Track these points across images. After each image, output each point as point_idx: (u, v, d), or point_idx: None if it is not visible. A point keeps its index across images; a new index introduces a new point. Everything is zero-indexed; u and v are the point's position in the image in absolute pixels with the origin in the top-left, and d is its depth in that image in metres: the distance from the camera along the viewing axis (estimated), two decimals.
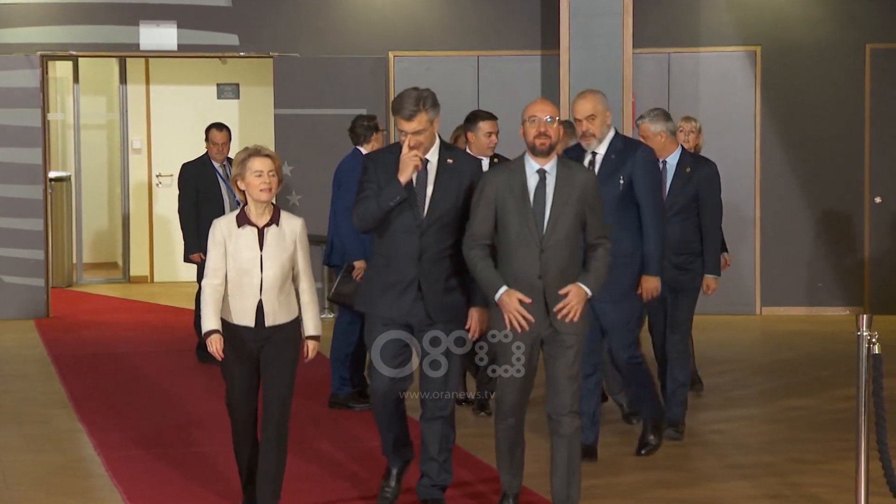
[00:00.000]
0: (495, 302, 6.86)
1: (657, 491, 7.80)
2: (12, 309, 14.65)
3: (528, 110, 6.93)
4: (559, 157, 6.96)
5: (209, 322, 6.89)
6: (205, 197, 11.72)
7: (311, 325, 7.00)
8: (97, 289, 17.46)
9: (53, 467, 8.39)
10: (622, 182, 8.03)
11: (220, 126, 12.02)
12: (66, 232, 17.50)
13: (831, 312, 14.81)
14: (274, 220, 6.93)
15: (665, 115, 9.13)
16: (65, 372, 11.61)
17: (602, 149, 8.11)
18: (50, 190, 15.29)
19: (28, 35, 14.74)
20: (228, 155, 11.88)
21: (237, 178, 6.91)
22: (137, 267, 18.05)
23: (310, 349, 6.98)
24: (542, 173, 6.88)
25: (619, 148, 8.11)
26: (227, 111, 17.62)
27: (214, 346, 6.87)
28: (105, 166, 18.95)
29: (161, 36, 14.83)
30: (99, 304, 16.14)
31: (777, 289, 14.92)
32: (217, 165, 11.86)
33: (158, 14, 14.82)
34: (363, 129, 10.09)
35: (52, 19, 14.77)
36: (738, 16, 14.92)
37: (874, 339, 6.72)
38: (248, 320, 6.90)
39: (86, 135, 18.17)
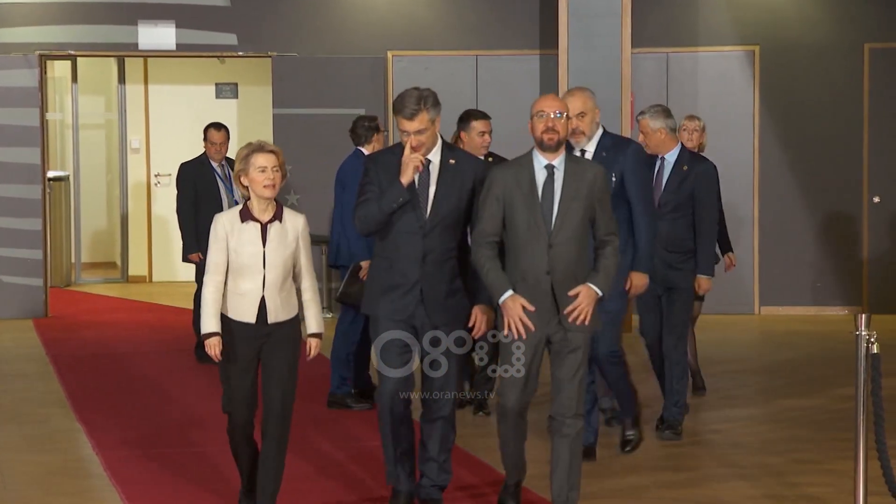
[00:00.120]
0: (499, 305, 6.83)
1: (656, 491, 7.79)
2: (11, 309, 14.64)
3: (537, 105, 6.88)
4: (568, 153, 6.93)
5: (209, 324, 6.84)
6: (203, 197, 11.71)
7: (314, 323, 6.95)
8: (96, 288, 17.46)
9: (52, 467, 8.38)
10: (613, 179, 8.02)
11: (218, 126, 12.01)
12: (64, 232, 17.49)
13: (830, 312, 14.81)
14: (277, 216, 6.87)
15: (665, 112, 9.11)
16: (63, 372, 11.60)
17: (591, 146, 8.11)
18: (48, 190, 15.29)
19: (26, 35, 14.73)
20: (227, 155, 11.88)
21: (240, 174, 6.83)
22: (136, 267, 18.04)
23: (312, 347, 6.93)
24: (550, 169, 6.83)
25: (608, 146, 8.10)
26: (226, 111, 17.62)
27: (213, 349, 6.83)
28: (103, 166, 18.95)
29: (159, 35, 14.82)
30: (97, 304, 16.13)
31: (776, 288, 14.92)
32: (215, 165, 11.85)
33: (157, 14, 14.81)
34: (364, 129, 10.09)
35: (50, 19, 14.76)
36: (736, 15, 14.92)
37: (873, 339, 6.72)
38: (249, 317, 6.83)
39: (84, 134, 18.16)
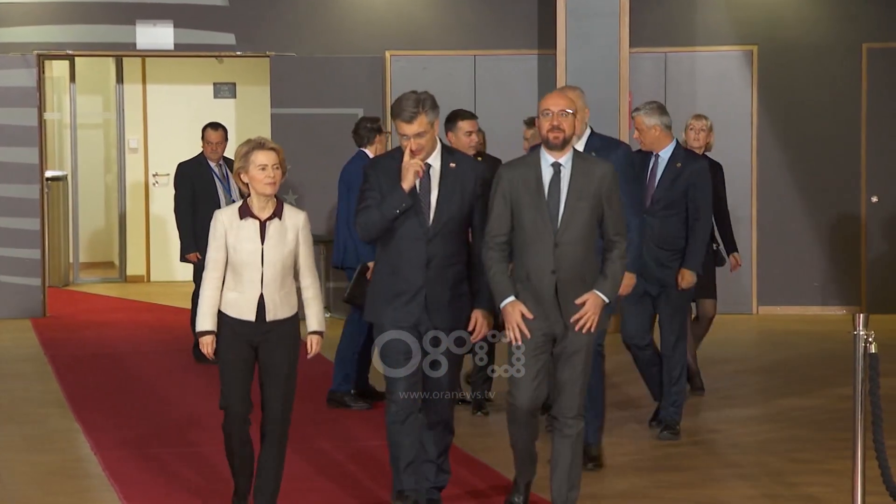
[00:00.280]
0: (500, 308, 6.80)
1: (655, 491, 7.79)
2: (9, 308, 14.63)
3: (542, 103, 6.83)
4: (576, 151, 6.87)
5: (204, 321, 6.83)
6: (201, 196, 11.71)
7: (315, 321, 6.89)
8: (94, 288, 17.46)
9: (50, 467, 8.38)
10: None
11: (215, 125, 12.01)
12: (62, 231, 17.49)
13: (828, 312, 14.81)
14: (277, 213, 6.83)
15: (660, 109, 9.08)
16: (61, 371, 11.59)
17: (580, 146, 8.08)
18: (46, 189, 15.28)
19: (24, 34, 14.73)
20: (224, 154, 11.88)
21: (240, 172, 6.79)
22: (134, 266, 18.04)
23: (313, 344, 6.87)
24: (556, 167, 6.79)
25: (597, 146, 8.05)
26: (224, 110, 17.61)
27: (207, 348, 6.81)
28: (101, 166, 18.95)
29: (157, 35, 14.82)
30: (95, 304, 16.13)
31: (774, 288, 14.92)
32: (213, 165, 11.85)
33: (155, 13, 14.81)
34: (366, 130, 10.12)
35: (48, 19, 14.76)
36: (734, 15, 14.92)
37: (871, 339, 6.72)
38: (248, 314, 6.80)
39: (82, 134, 18.15)
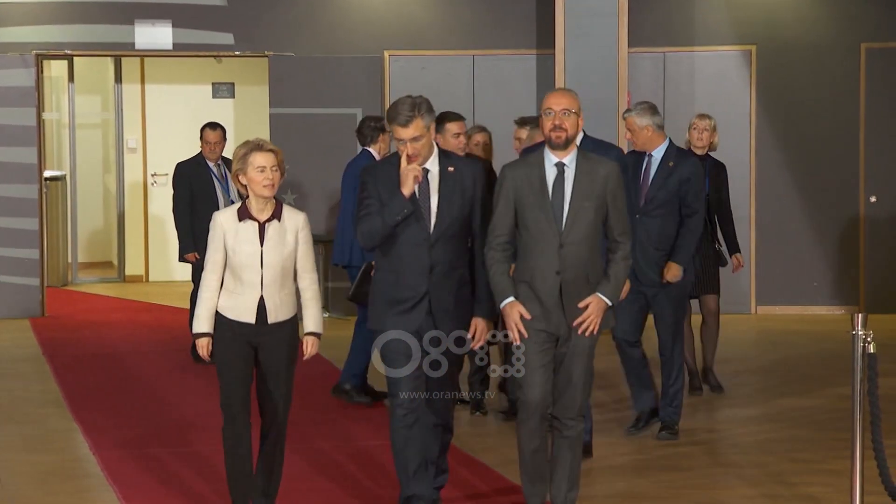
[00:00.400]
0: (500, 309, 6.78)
1: (654, 491, 7.79)
2: (7, 308, 14.63)
3: (544, 102, 6.80)
4: (580, 150, 6.82)
5: (201, 324, 6.80)
6: (199, 196, 11.70)
7: (311, 322, 6.86)
8: (92, 288, 17.45)
9: (49, 467, 8.37)
10: None
11: (213, 125, 12.01)
12: (61, 231, 17.48)
13: (826, 311, 14.81)
14: (276, 215, 6.80)
15: (651, 109, 9.05)
16: (60, 371, 11.59)
17: None
18: (45, 189, 15.28)
19: (23, 34, 14.72)
20: (223, 154, 11.88)
21: (238, 173, 6.76)
22: (132, 266, 18.04)
23: (309, 345, 6.84)
24: (560, 167, 6.75)
25: (589, 149, 7.99)
26: (223, 110, 17.61)
27: (204, 350, 6.79)
28: (100, 165, 18.95)
29: (156, 35, 14.81)
30: (94, 304, 16.13)
31: (772, 288, 14.92)
32: (211, 165, 11.85)
33: (153, 13, 14.81)
34: (370, 129, 10.14)
35: (47, 18, 14.76)
36: (733, 15, 14.92)
37: (869, 339, 6.72)
38: (248, 317, 6.77)
39: (81, 134, 18.15)
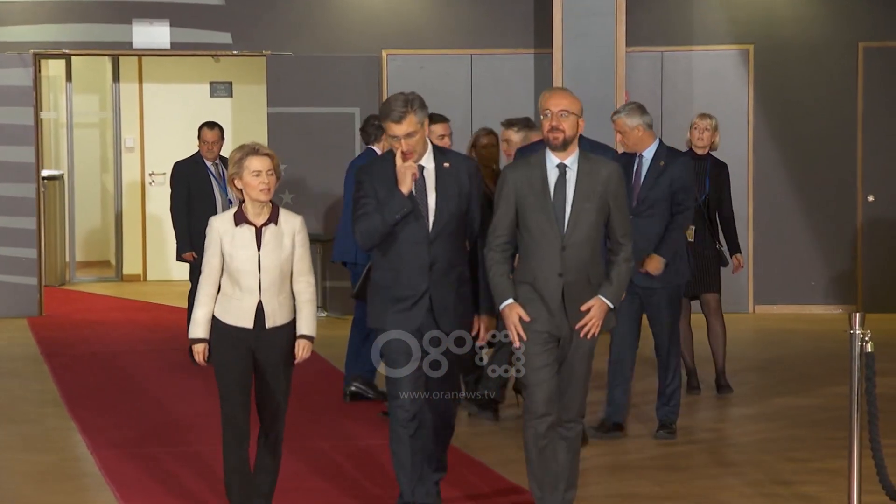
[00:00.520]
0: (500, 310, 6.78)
1: (652, 490, 7.79)
2: (5, 307, 14.63)
3: (541, 103, 6.75)
4: (581, 151, 6.78)
5: (197, 329, 6.76)
6: (197, 196, 11.70)
7: (305, 325, 6.80)
8: (90, 287, 17.44)
9: (46, 466, 8.37)
10: None
11: (211, 125, 12.00)
12: (58, 230, 17.47)
13: (824, 311, 14.82)
14: (272, 218, 6.75)
15: (641, 109, 9.03)
16: (57, 371, 11.59)
17: None
18: (43, 188, 15.28)
19: (21, 33, 14.72)
20: (221, 153, 11.88)
21: (234, 178, 6.70)
22: (130, 265, 18.03)
23: (302, 348, 6.79)
24: (562, 168, 6.71)
25: (586, 150, 8.01)
26: (221, 109, 17.61)
27: (200, 356, 6.76)
28: (98, 165, 18.94)
29: (154, 34, 14.81)
30: (92, 303, 16.12)
31: (770, 287, 14.92)
32: (209, 164, 11.84)
33: (151, 12, 14.80)
34: (374, 128, 10.18)
35: (44, 17, 14.75)
36: (731, 14, 14.92)
37: (867, 338, 6.73)
38: (246, 321, 6.73)
39: (79, 133, 18.14)
